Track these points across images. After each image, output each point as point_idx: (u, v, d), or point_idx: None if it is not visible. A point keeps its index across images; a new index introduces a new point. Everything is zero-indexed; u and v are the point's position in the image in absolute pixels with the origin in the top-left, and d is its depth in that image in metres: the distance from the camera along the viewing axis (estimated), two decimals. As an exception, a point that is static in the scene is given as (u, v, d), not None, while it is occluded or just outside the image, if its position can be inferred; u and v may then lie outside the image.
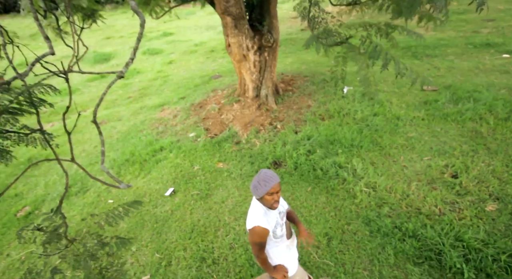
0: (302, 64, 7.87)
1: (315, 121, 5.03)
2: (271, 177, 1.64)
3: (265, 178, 1.63)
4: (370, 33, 3.09)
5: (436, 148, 4.04)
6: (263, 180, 1.63)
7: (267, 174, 1.65)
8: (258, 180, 1.64)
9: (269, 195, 1.65)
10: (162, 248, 3.34)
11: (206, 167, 4.49)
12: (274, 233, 1.78)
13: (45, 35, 1.38)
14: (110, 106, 7.59)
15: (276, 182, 1.64)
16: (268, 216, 1.75)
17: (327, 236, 3.12)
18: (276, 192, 1.65)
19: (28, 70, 1.28)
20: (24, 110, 1.23)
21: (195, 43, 12.06)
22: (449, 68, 6.12)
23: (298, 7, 3.90)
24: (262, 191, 1.63)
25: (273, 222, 1.77)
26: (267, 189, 1.62)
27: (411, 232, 2.94)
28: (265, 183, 1.62)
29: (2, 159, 1.28)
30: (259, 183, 1.63)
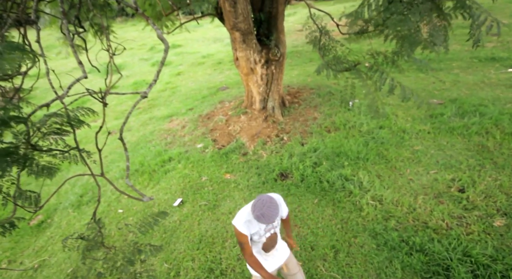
0: (307, 76, 8.00)
1: (321, 134, 5.10)
2: (271, 215, 1.70)
3: (269, 214, 1.69)
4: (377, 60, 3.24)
5: (442, 162, 4.07)
6: (268, 216, 1.69)
7: (271, 208, 1.70)
8: (262, 213, 1.70)
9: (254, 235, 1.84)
10: (170, 258, 3.38)
11: (214, 177, 4.56)
12: (251, 239, 1.92)
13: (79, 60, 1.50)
14: (119, 117, 7.76)
15: (276, 217, 1.72)
16: (251, 224, 1.87)
17: (334, 248, 3.14)
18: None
19: (65, 93, 1.39)
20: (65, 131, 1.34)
21: (202, 55, 12.33)
22: (454, 82, 6.18)
23: (310, 36, 4.13)
24: (263, 222, 1.72)
25: (253, 231, 1.88)
26: (269, 222, 1.71)
27: (418, 246, 2.95)
28: (269, 218, 1.70)
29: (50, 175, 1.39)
30: (263, 216, 1.70)
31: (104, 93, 1.47)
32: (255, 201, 1.76)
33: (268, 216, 1.69)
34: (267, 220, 1.69)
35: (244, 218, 1.86)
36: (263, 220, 1.69)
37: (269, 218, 1.69)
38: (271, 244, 2.07)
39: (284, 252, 2.24)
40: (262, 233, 1.93)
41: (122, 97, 9.16)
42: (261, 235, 1.93)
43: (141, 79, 10.44)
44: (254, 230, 1.89)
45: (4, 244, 3.99)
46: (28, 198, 1.57)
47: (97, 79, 11.38)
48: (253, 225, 1.88)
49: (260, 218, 1.69)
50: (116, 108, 8.38)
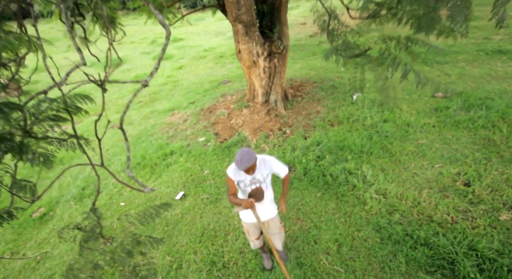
0: (311, 70, 7.91)
1: (324, 127, 5.04)
2: (248, 159, 2.05)
3: (242, 160, 2.04)
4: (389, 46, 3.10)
5: (447, 155, 4.01)
6: (245, 160, 2.04)
7: (245, 157, 2.05)
8: (238, 159, 2.06)
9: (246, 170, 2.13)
10: (172, 251, 3.37)
11: (216, 171, 4.53)
12: (238, 185, 2.33)
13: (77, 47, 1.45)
14: (121, 110, 7.72)
15: (250, 164, 2.05)
16: (239, 172, 2.28)
17: (337, 242, 3.11)
18: (250, 169, 2.12)
19: (63, 80, 1.34)
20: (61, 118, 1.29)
21: (204, 49, 12.22)
22: (460, 75, 6.08)
23: (318, 21, 3.97)
24: (242, 168, 2.06)
25: (239, 178, 2.29)
26: (243, 169, 2.07)
27: (423, 240, 2.91)
28: (247, 163, 2.04)
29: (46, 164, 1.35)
30: (241, 162, 2.05)
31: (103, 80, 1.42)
32: (236, 154, 2.11)
33: (243, 160, 2.04)
34: (243, 163, 2.04)
35: (233, 167, 2.29)
36: (239, 163, 2.04)
37: (244, 162, 2.04)
38: (256, 196, 2.35)
39: (269, 211, 2.55)
40: (248, 183, 2.31)
41: (124, 91, 9.11)
42: (246, 184, 2.31)
43: (142, 72, 10.38)
44: (240, 178, 2.29)
45: (7, 236, 4.00)
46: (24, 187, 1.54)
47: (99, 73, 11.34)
48: (240, 174, 2.28)
49: (237, 162, 2.05)
50: (117, 102, 8.34)
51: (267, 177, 2.36)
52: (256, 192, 2.35)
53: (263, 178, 2.34)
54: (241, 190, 2.41)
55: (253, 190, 2.34)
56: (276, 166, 2.38)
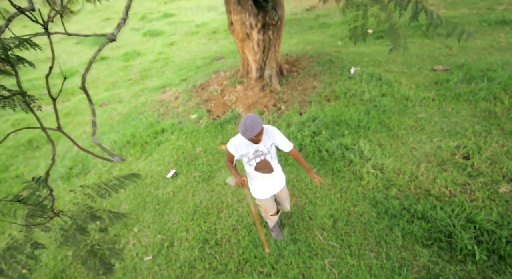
0: (307, 44, 7.61)
1: (320, 103, 4.86)
2: (255, 125, 1.89)
3: (252, 125, 1.89)
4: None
5: (447, 129, 3.89)
6: (250, 127, 1.89)
7: (253, 122, 1.89)
8: (246, 126, 1.89)
9: (255, 137, 1.97)
10: (164, 229, 3.29)
11: (209, 148, 4.39)
12: (241, 159, 2.22)
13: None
14: (110, 89, 7.45)
15: (258, 130, 1.91)
16: (240, 146, 2.14)
17: (332, 217, 3.04)
18: (258, 136, 1.96)
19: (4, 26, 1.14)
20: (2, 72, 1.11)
21: (196, 24, 11.72)
22: (461, 47, 5.85)
23: None
24: (248, 135, 1.92)
25: (241, 152, 2.16)
26: (253, 135, 1.91)
27: (420, 213, 2.84)
28: (252, 130, 1.89)
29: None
30: (246, 129, 1.89)
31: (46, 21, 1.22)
32: (241, 122, 1.95)
33: (253, 125, 1.89)
34: (250, 131, 1.89)
35: (234, 142, 2.16)
36: (248, 130, 1.89)
37: (252, 130, 1.89)
38: (264, 169, 2.26)
39: (281, 180, 2.50)
40: (251, 156, 2.18)
41: (113, 69, 8.77)
42: (250, 158, 2.18)
43: (132, 49, 9.97)
44: (243, 152, 2.16)
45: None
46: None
47: (86, 50, 10.91)
48: (241, 147, 2.15)
49: (246, 129, 1.89)
50: (106, 80, 8.04)
51: (270, 147, 2.23)
52: (263, 165, 2.25)
53: (267, 149, 2.21)
54: (246, 165, 2.30)
55: (259, 163, 2.23)
56: (278, 136, 2.25)
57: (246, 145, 2.14)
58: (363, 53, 6.27)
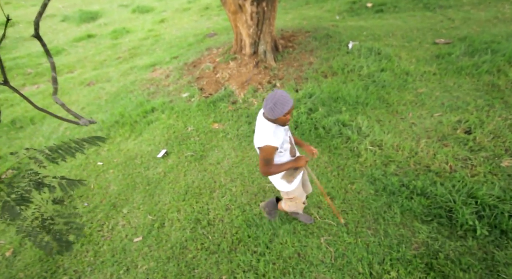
0: (303, 20, 7.27)
1: (317, 79, 4.65)
2: (287, 100, 1.64)
3: (282, 100, 1.63)
4: None
5: (448, 104, 3.73)
6: (280, 103, 1.63)
7: (284, 97, 1.64)
8: (275, 102, 1.64)
9: (284, 116, 1.70)
10: (154, 210, 3.17)
11: (201, 127, 4.22)
12: (281, 147, 1.85)
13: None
14: (98, 67, 7.14)
15: (291, 104, 1.67)
16: (277, 134, 1.79)
17: (329, 195, 2.92)
18: (290, 112, 1.70)
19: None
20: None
21: (188, 0, 11.18)
22: (464, 19, 5.59)
23: None
24: (279, 112, 1.65)
25: (281, 139, 1.81)
26: (284, 111, 1.65)
27: (420, 189, 2.74)
28: (282, 106, 1.64)
29: None
30: (275, 105, 1.64)
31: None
32: (264, 101, 1.69)
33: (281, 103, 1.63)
34: (281, 107, 1.63)
35: (270, 132, 1.78)
36: (276, 109, 1.64)
37: (282, 105, 1.63)
38: (293, 150, 2.03)
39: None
40: (288, 139, 1.91)
41: (101, 47, 8.39)
42: (287, 141, 1.90)
43: (120, 27, 9.52)
44: (282, 138, 1.82)
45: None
46: None
47: (73, 28, 10.43)
48: (278, 134, 1.80)
49: (273, 109, 1.64)
50: (94, 59, 7.69)
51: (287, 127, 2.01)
52: (292, 146, 2.02)
53: (288, 127, 2.02)
54: (278, 154, 1.91)
55: (291, 142, 1.98)
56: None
57: (278, 129, 1.80)
58: (362, 27, 5.99)
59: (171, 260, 2.62)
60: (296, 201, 2.30)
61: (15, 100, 6.09)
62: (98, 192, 3.57)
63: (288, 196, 2.23)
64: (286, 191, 2.18)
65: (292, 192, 2.19)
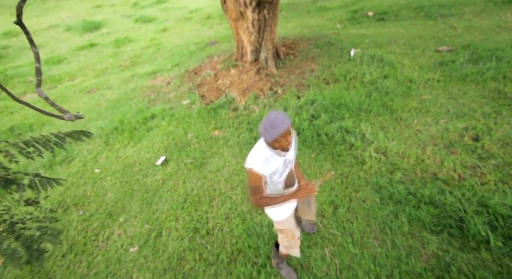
0: (304, 28, 7.29)
1: (319, 86, 4.60)
2: (281, 121, 1.40)
3: (273, 123, 1.40)
4: None
5: (453, 110, 3.65)
6: (270, 125, 1.41)
7: (277, 118, 1.41)
8: (266, 124, 1.43)
9: (277, 142, 1.46)
10: (152, 218, 3.06)
11: (201, 134, 4.14)
12: (270, 179, 1.61)
13: None
14: (99, 75, 7.13)
15: (286, 127, 1.42)
16: (269, 161, 1.55)
17: (332, 204, 2.82)
18: (285, 136, 1.45)
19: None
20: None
21: (190, 10, 11.30)
22: (466, 27, 5.58)
23: None
24: (270, 136, 1.43)
25: (273, 168, 1.57)
26: (277, 134, 1.41)
27: (428, 198, 2.62)
28: (272, 129, 1.40)
29: None
30: (266, 129, 1.42)
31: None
32: (261, 123, 1.47)
33: (279, 120, 1.41)
34: (276, 128, 1.40)
35: (261, 157, 1.55)
36: (271, 130, 1.40)
37: (281, 121, 1.41)
38: (291, 183, 1.80)
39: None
40: (282, 170, 1.64)
41: (103, 55, 8.41)
42: (281, 173, 1.64)
43: (123, 36, 9.58)
44: (274, 168, 1.58)
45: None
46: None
47: (76, 37, 10.51)
48: (271, 162, 1.56)
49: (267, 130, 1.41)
50: (95, 67, 7.69)
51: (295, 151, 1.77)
52: (290, 178, 1.78)
53: (293, 156, 1.73)
54: (271, 186, 1.69)
55: (287, 177, 1.73)
56: (295, 136, 1.77)
57: (274, 157, 1.57)
58: (363, 35, 5.98)
59: (167, 272, 2.49)
60: (287, 235, 1.97)
61: (15, 108, 6.05)
62: (94, 200, 3.46)
63: (279, 226, 1.94)
64: (276, 220, 1.90)
65: (281, 223, 1.90)
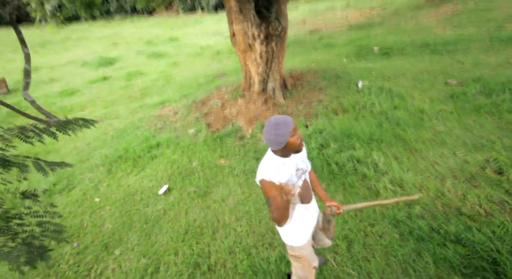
0: (311, 62, 7.46)
1: (327, 116, 4.53)
2: (285, 120, 1.39)
3: (279, 123, 1.38)
4: None
5: (471, 142, 3.49)
6: (277, 127, 1.38)
7: (280, 119, 1.40)
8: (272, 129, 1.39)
9: (291, 142, 1.41)
10: (150, 252, 2.82)
11: (206, 162, 4.00)
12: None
13: None
14: (109, 106, 7.24)
15: (292, 123, 1.41)
16: (281, 170, 1.46)
17: (346, 239, 2.57)
18: (296, 132, 1.44)
19: None
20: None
21: (201, 47, 11.82)
22: (475, 63, 5.60)
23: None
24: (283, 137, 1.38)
25: (286, 177, 1.45)
26: (288, 133, 1.38)
27: (453, 235, 2.37)
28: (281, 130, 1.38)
29: None
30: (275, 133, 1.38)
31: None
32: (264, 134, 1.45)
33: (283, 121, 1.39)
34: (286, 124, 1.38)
35: (272, 166, 1.47)
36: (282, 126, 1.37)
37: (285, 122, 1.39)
38: (307, 194, 1.67)
39: (316, 206, 1.84)
40: (295, 180, 1.53)
41: (114, 87, 8.64)
42: (294, 182, 1.52)
43: (135, 70, 9.93)
44: (287, 177, 1.47)
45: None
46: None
47: (91, 72, 10.93)
48: (283, 171, 1.47)
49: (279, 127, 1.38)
50: (106, 98, 7.86)
51: (308, 161, 1.70)
52: (306, 189, 1.63)
53: (306, 165, 1.64)
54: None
55: (302, 187, 1.60)
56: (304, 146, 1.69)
57: (285, 165, 1.49)
58: (370, 69, 6.04)
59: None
60: (304, 263, 1.78)
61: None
62: (91, 230, 3.25)
63: (294, 252, 1.75)
64: (292, 246, 1.72)
65: (300, 249, 1.72)
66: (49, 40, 18.07)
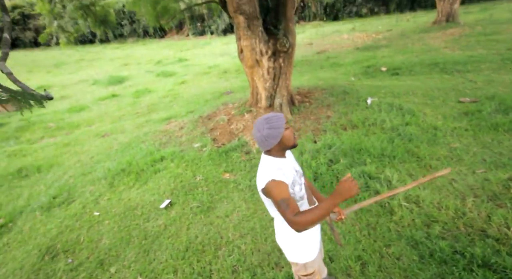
0: (319, 80, 7.44)
1: (336, 131, 4.40)
2: (275, 116, 1.38)
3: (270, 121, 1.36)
4: None
5: (490, 160, 3.29)
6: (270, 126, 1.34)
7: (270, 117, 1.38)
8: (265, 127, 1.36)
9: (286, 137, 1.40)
10: (147, 270, 2.63)
11: (210, 177, 3.86)
12: (293, 191, 1.40)
13: None
14: (115, 121, 7.25)
15: (283, 118, 1.40)
16: (284, 170, 1.38)
17: (360, 260, 2.35)
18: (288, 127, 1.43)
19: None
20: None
21: (208, 66, 12.03)
22: (487, 81, 5.49)
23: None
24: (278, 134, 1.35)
25: (290, 177, 1.38)
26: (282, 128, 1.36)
27: (480, 259, 2.14)
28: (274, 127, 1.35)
29: None
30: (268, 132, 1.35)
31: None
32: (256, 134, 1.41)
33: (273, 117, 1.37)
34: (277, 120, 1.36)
35: (274, 167, 1.38)
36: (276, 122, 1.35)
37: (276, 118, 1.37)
38: (310, 198, 1.58)
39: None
40: (298, 180, 1.46)
41: (122, 104, 8.73)
42: (300, 183, 1.46)
43: (143, 88, 10.07)
44: (291, 177, 1.39)
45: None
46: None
47: (101, 89, 11.13)
48: (286, 171, 1.39)
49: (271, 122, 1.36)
50: (113, 114, 7.90)
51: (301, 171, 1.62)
52: (307, 193, 1.56)
53: (299, 167, 1.59)
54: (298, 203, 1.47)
55: (305, 187, 1.55)
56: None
57: (285, 165, 1.42)
58: (379, 86, 5.97)
59: None
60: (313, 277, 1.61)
61: (29, 150, 6.05)
62: (87, 246, 3.08)
63: (307, 271, 1.57)
64: (305, 263, 1.55)
65: (313, 263, 1.57)
66: (64, 61, 18.70)
